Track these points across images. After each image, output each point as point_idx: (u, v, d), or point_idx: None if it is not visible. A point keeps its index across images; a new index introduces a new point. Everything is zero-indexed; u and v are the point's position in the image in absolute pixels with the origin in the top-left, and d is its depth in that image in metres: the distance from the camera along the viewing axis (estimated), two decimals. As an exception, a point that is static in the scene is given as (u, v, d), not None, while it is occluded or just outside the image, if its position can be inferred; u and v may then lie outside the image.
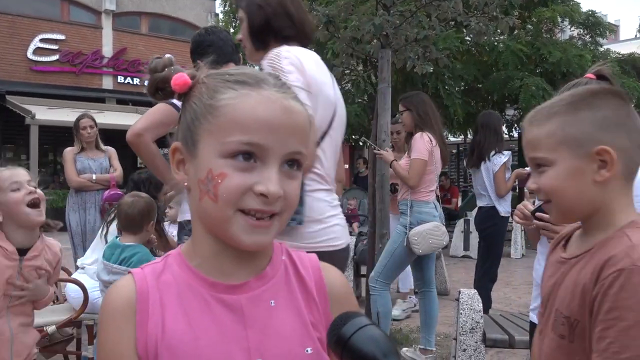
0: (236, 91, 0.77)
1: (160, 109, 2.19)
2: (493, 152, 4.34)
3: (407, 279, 5.06)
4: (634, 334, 0.92)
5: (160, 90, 0.84)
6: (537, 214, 1.78)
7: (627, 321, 0.93)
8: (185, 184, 0.81)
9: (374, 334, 0.67)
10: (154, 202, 2.85)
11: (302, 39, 1.91)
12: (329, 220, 1.78)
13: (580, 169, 1.05)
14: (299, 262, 0.87)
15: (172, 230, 4.08)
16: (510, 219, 4.36)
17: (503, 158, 4.33)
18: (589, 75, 1.74)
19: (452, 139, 13.63)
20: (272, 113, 0.75)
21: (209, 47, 2.52)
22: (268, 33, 1.87)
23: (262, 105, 0.76)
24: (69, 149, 4.83)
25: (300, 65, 1.72)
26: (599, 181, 1.04)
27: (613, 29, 11.71)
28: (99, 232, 3.57)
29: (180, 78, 0.81)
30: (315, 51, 1.92)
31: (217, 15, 16.73)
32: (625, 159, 1.05)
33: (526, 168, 5.01)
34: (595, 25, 9.61)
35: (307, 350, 0.79)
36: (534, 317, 1.86)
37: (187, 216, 2.27)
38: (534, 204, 1.85)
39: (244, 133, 0.74)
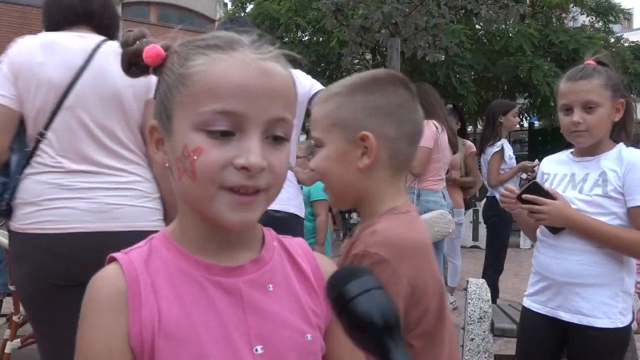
0: (207, 56, 0.70)
1: None
2: (490, 143, 4.33)
3: (455, 274, 5.08)
4: None
5: (134, 65, 0.77)
6: (524, 195, 1.78)
7: None
8: (167, 164, 0.74)
9: (381, 301, 0.58)
10: None
11: (72, 23, 1.81)
12: (47, 204, 1.65)
13: (347, 153, 1.04)
14: (291, 249, 0.83)
15: None
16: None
17: (494, 148, 4.31)
18: (589, 61, 1.78)
19: (461, 128, 13.53)
20: (247, 76, 0.68)
21: None
22: (45, 22, 1.86)
23: (235, 68, 0.69)
24: None
25: (13, 51, 1.70)
26: (362, 168, 1.03)
27: (627, 17, 11.51)
28: None
29: (152, 50, 0.74)
30: (322, 40, 1.91)
31: (225, 4, 16.68)
32: (391, 149, 1.03)
33: (536, 160, 4.96)
34: (608, 10, 9.45)
35: (307, 337, 0.76)
36: (527, 302, 1.89)
37: None
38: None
39: (217, 101, 0.67)
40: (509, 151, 4.39)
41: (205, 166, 0.68)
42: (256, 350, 0.72)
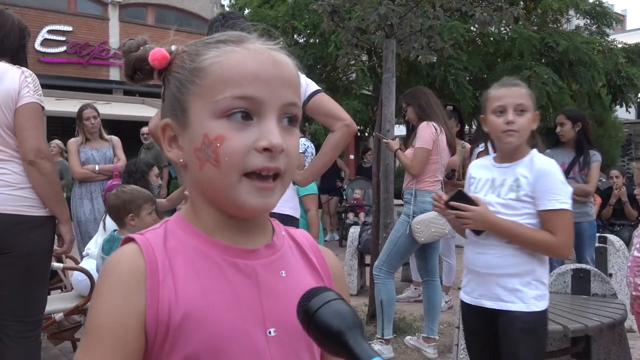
0: (220, 49, 0.74)
1: None
2: (476, 144, 4.37)
3: (450, 273, 5.10)
4: None
5: (139, 70, 0.80)
6: (451, 202, 2.05)
7: None
8: (181, 160, 0.76)
9: (339, 308, 0.66)
10: (140, 194, 2.77)
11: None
12: None
13: None
14: (298, 239, 0.85)
15: None
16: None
17: (478, 148, 4.34)
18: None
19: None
20: (261, 65, 0.73)
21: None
22: None
23: (250, 58, 0.73)
24: (72, 140, 4.87)
25: None
26: None
27: (619, 20, 11.55)
28: (101, 221, 3.63)
29: (158, 52, 0.78)
30: (319, 43, 1.96)
31: (222, 6, 16.69)
32: None
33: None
34: (602, 15, 9.50)
35: None
36: (461, 295, 2.15)
37: None
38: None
39: (235, 87, 0.71)
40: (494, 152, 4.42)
41: (229, 152, 0.71)
42: (269, 332, 0.75)
